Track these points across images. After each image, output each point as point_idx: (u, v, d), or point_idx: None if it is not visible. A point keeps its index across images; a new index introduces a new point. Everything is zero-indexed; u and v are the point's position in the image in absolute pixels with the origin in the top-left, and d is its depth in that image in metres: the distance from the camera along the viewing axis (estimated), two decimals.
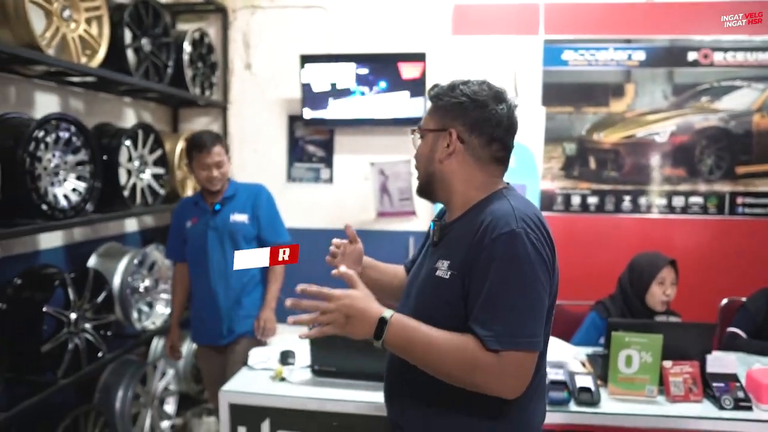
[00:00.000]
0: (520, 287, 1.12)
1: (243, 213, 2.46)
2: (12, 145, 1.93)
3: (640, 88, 3.18)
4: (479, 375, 1.11)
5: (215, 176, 2.39)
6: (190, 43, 3.02)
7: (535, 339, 1.12)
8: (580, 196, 3.25)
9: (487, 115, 1.23)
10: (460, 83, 1.26)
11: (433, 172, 1.28)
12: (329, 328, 1.16)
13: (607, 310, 2.41)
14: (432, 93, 1.30)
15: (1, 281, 2.13)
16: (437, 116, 1.27)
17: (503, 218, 1.15)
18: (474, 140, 1.23)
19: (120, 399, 2.55)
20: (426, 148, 1.29)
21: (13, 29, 1.95)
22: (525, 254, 1.12)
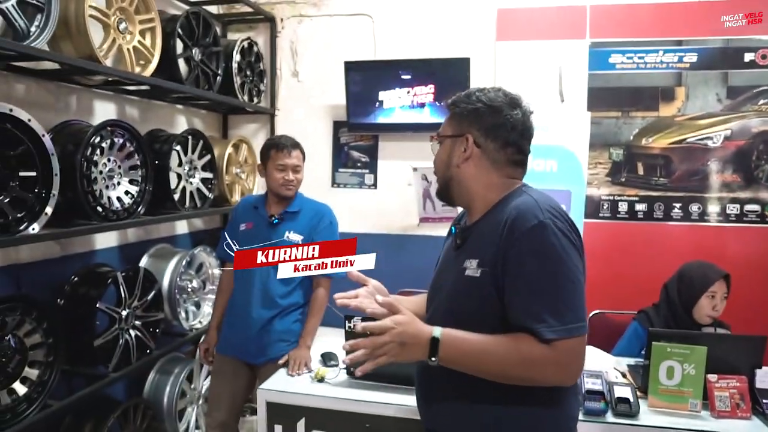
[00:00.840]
0: (559, 275, 1.15)
1: (299, 233, 2.31)
2: (72, 150, 2.06)
3: (691, 91, 3.07)
4: (538, 370, 1.14)
5: (291, 179, 2.29)
6: (238, 51, 3.13)
7: (583, 324, 1.15)
8: (627, 203, 3.17)
9: (502, 121, 1.28)
10: (476, 91, 1.32)
11: (451, 177, 1.33)
12: (384, 358, 1.17)
13: (649, 320, 2.34)
14: (449, 101, 1.37)
15: (61, 279, 2.27)
16: (454, 123, 1.33)
17: (529, 211, 1.19)
18: (489, 144, 1.29)
19: (168, 395, 2.65)
20: (444, 154, 1.35)
21: (74, 42, 2.08)
22: (557, 243, 1.16)
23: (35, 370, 1.89)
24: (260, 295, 2.27)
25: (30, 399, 1.87)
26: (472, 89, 1.33)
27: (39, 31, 1.88)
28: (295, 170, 2.31)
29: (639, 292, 3.02)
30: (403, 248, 3.45)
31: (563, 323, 1.12)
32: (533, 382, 1.17)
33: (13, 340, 1.83)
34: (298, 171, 2.33)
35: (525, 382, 1.17)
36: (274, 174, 2.30)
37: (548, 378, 1.16)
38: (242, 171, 3.33)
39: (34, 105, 2.18)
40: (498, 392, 1.21)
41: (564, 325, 1.12)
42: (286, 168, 2.29)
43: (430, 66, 3.23)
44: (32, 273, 2.18)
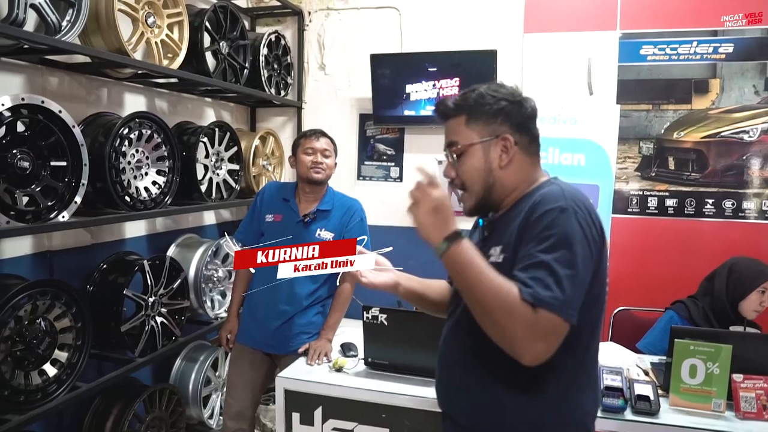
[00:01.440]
0: (563, 257, 1.11)
1: (331, 231, 2.28)
2: (101, 141, 2.12)
3: (726, 83, 2.97)
4: (513, 321, 1.08)
5: (320, 161, 2.26)
6: (266, 45, 3.16)
7: (571, 309, 1.10)
8: (657, 198, 3.09)
9: (528, 113, 1.27)
10: (486, 89, 1.27)
11: (494, 182, 1.26)
12: (416, 207, 1.18)
13: (687, 310, 2.30)
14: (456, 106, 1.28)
15: (91, 266, 2.34)
16: (480, 125, 1.26)
17: (552, 196, 1.18)
18: (524, 139, 1.27)
19: (193, 381, 2.72)
20: (477, 161, 1.25)
21: (104, 36, 2.14)
22: (573, 229, 1.13)
23: (65, 353, 1.96)
24: (287, 291, 2.24)
25: (60, 380, 1.94)
26: (482, 88, 1.27)
27: (70, 26, 1.94)
28: (324, 154, 2.29)
29: (667, 289, 2.95)
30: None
31: (550, 297, 1.08)
32: (500, 334, 1.10)
33: (44, 323, 1.89)
34: (327, 156, 2.30)
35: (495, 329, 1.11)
36: (303, 158, 2.28)
37: (516, 338, 1.08)
38: (269, 163, 3.37)
39: (67, 97, 2.25)
40: (515, 381, 1.20)
41: (551, 298, 1.08)
42: (315, 151, 2.27)
43: (456, 59, 3.21)
44: (64, 260, 2.26)
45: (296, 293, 2.24)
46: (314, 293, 2.27)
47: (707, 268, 2.91)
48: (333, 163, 2.34)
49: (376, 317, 1.94)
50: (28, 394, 1.82)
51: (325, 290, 2.31)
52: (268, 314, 2.26)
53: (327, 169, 2.29)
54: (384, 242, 2.31)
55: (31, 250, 2.15)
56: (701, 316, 2.26)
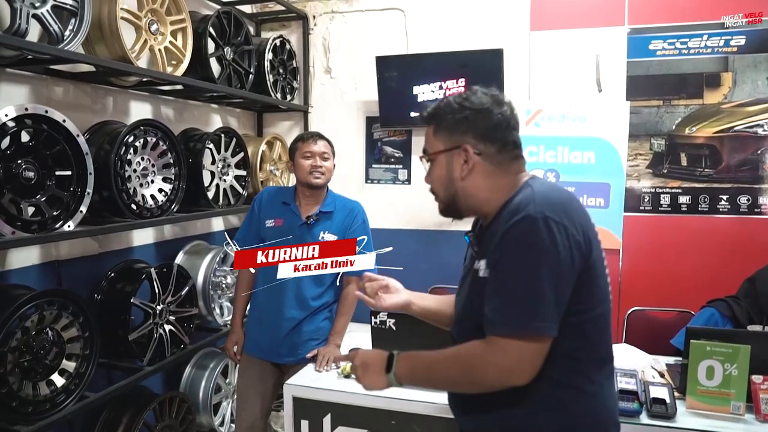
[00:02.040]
0: (525, 272, 1.10)
1: (334, 234, 2.24)
2: (107, 150, 2.12)
3: (739, 76, 2.91)
4: (478, 371, 1.13)
5: (319, 165, 2.21)
6: (271, 50, 3.16)
7: (535, 324, 1.09)
8: (669, 195, 3.04)
9: (495, 121, 1.23)
10: (454, 98, 1.26)
11: (455, 192, 1.26)
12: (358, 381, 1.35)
13: (730, 308, 2.22)
14: (428, 115, 1.29)
15: (98, 275, 2.34)
16: (444, 136, 1.25)
17: (522, 204, 1.15)
18: (490, 148, 1.23)
19: (203, 389, 2.71)
20: (441, 170, 1.27)
21: (107, 44, 2.14)
22: (539, 238, 1.10)
23: (72, 363, 1.95)
24: (293, 296, 2.20)
25: (68, 390, 1.93)
26: (449, 98, 1.27)
27: (73, 35, 1.94)
28: (323, 157, 2.24)
29: (683, 289, 2.91)
30: (437, 244, 3.41)
31: (506, 320, 1.08)
32: (480, 384, 1.15)
33: (51, 334, 1.89)
34: (326, 159, 2.25)
35: (474, 386, 1.16)
36: (301, 163, 2.24)
37: (489, 378, 1.12)
38: (276, 168, 3.36)
39: (72, 107, 2.25)
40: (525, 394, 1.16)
41: (507, 322, 1.08)
42: (313, 155, 2.23)
43: (462, 59, 3.17)
44: (72, 269, 2.26)
45: (304, 297, 2.20)
46: (321, 297, 2.24)
47: (723, 266, 2.86)
48: (332, 166, 2.30)
49: (384, 322, 1.91)
50: (36, 405, 1.82)
51: (332, 294, 2.29)
52: (276, 321, 2.21)
53: (327, 172, 2.25)
54: (394, 245, 2.28)
55: (39, 260, 2.15)
56: (745, 317, 2.19)
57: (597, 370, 1.22)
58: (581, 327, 1.17)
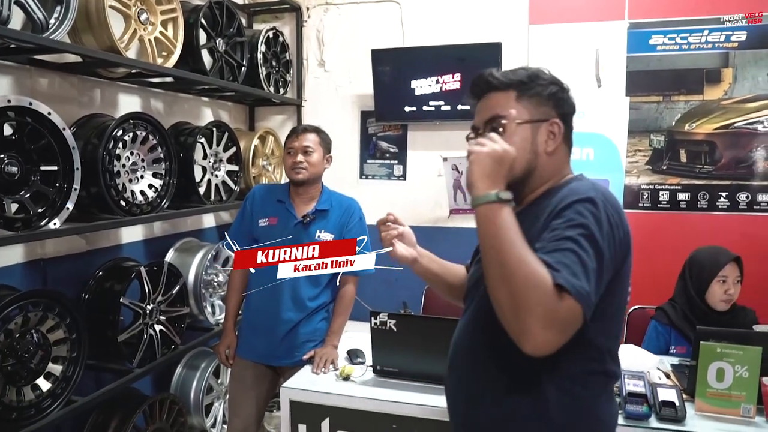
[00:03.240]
0: (590, 249, 1.02)
1: (330, 232, 2.16)
2: (95, 144, 2.03)
3: (739, 72, 2.88)
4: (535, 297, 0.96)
5: (299, 161, 2.13)
6: (263, 42, 3.07)
7: (590, 301, 0.99)
8: (669, 192, 3.00)
9: (573, 103, 1.22)
10: (538, 71, 1.20)
11: (536, 167, 1.17)
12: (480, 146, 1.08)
13: (666, 315, 2.24)
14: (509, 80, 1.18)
15: (86, 273, 2.25)
16: (531, 104, 1.16)
17: (583, 188, 1.11)
18: (567, 128, 1.21)
19: (194, 390, 2.64)
20: (524, 141, 1.15)
21: (95, 34, 2.05)
22: (601, 220, 1.05)
23: (59, 366, 1.87)
24: (290, 297, 2.13)
25: (54, 395, 1.85)
26: (533, 68, 1.21)
27: (58, 23, 1.86)
28: (305, 152, 2.14)
29: None
30: (434, 241, 3.31)
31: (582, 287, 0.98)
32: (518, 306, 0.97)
33: (36, 336, 1.81)
34: (309, 152, 2.14)
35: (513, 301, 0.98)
36: (285, 160, 2.19)
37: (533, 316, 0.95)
38: (269, 163, 3.29)
39: (58, 99, 2.16)
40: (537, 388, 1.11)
41: (582, 290, 0.98)
42: (295, 150, 2.15)
43: (459, 52, 3.12)
44: (58, 267, 2.18)
45: (300, 298, 2.13)
46: (318, 297, 2.17)
47: None
48: (319, 159, 2.17)
49: (384, 323, 1.85)
50: (20, 411, 1.74)
51: (329, 294, 2.22)
52: (272, 323, 2.14)
53: (310, 166, 2.14)
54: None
55: (23, 259, 2.07)
56: (681, 318, 2.19)
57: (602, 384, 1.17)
58: (596, 335, 1.11)
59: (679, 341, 2.18)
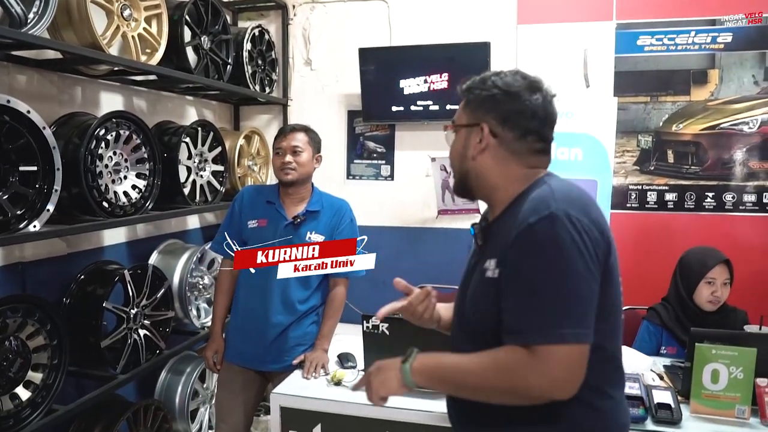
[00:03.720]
0: (560, 275, 1.02)
1: (321, 234, 2.11)
2: (76, 144, 1.97)
3: (725, 73, 2.90)
4: (520, 379, 1.02)
5: (288, 161, 2.08)
6: (249, 39, 3.02)
7: (578, 332, 1.01)
8: (656, 192, 3.02)
9: (520, 107, 1.15)
10: (492, 75, 1.20)
11: (467, 170, 1.21)
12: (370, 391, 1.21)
13: (658, 316, 2.25)
14: (464, 86, 1.24)
15: (67, 277, 2.18)
16: (469, 110, 1.21)
17: (542, 202, 1.07)
18: (508, 134, 1.16)
19: (179, 395, 2.58)
20: (459, 145, 1.23)
21: (76, 30, 1.98)
22: (566, 238, 1.03)
23: (39, 374, 1.81)
24: (279, 300, 2.08)
25: (34, 404, 1.78)
26: (488, 73, 1.20)
27: (38, 18, 1.79)
28: (294, 152, 2.09)
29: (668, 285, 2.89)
30: (422, 242, 3.33)
31: (549, 326, 1.00)
32: (520, 395, 1.04)
33: (15, 343, 1.74)
34: (297, 153, 2.09)
35: (513, 396, 1.05)
36: (273, 160, 2.14)
37: (534, 389, 1.02)
38: (254, 163, 3.23)
39: (37, 97, 2.09)
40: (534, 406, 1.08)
41: (550, 329, 1.00)
42: (284, 151, 2.10)
43: (448, 52, 3.09)
44: (38, 271, 2.10)
45: (290, 301, 2.09)
46: (308, 300, 2.13)
47: None
48: (308, 159, 2.13)
49: (377, 326, 1.82)
50: None
51: (319, 297, 2.17)
52: (261, 327, 2.08)
53: (299, 167, 2.10)
54: (376, 243, 2.19)
55: (1, 263, 1.99)
56: (672, 319, 2.20)
57: (610, 383, 1.16)
58: (597, 337, 1.10)
59: (670, 342, 2.18)
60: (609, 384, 1.16)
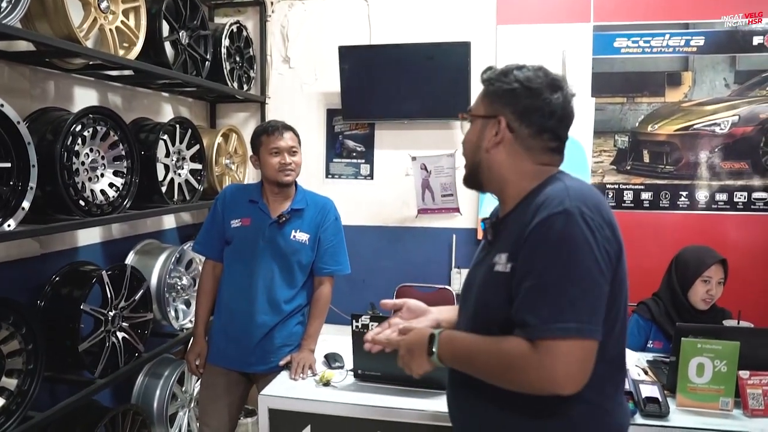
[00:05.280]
0: (570, 270, 1.02)
1: (306, 232, 2.09)
2: (51, 140, 1.89)
3: (698, 76, 2.98)
4: (518, 372, 1.04)
5: (288, 163, 2.05)
6: (227, 36, 2.96)
7: (583, 326, 1.01)
8: (632, 191, 3.07)
9: (539, 104, 1.16)
10: (514, 68, 1.19)
11: (480, 162, 1.21)
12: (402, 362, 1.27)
13: (649, 310, 2.29)
14: (485, 76, 1.23)
15: (41, 279, 2.10)
16: (487, 101, 1.21)
17: (556, 198, 1.08)
18: (524, 129, 1.17)
19: (158, 399, 2.51)
20: (473, 135, 1.23)
21: (51, 22, 1.91)
22: (579, 234, 1.03)
23: (14, 380, 1.73)
24: (265, 300, 2.04)
25: (8, 411, 1.71)
26: (511, 65, 1.20)
27: (11, 8, 1.71)
28: (291, 152, 2.08)
29: (645, 283, 2.92)
30: (401, 241, 3.33)
31: (551, 321, 1.00)
32: (520, 386, 1.06)
33: None
34: (294, 153, 2.09)
35: (513, 385, 1.07)
36: (269, 160, 2.06)
37: (533, 382, 1.03)
38: (232, 162, 3.17)
39: (7, 90, 2.01)
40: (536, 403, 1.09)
41: (552, 323, 1.00)
42: (280, 151, 2.05)
43: (428, 51, 3.09)
44: (9, 273, 2.02)
45: (276, 300, 2.05)
46: (293, 300, 2.10)
47: None
48: (300, 159, 2.13)
49: (366, 326, 1.80)
50: None
51: (304, 297, 2.14)
52: (246, 328, 2.04)
53: (296, 167, 2.10)
54: (357, 242, 2.17)
55: None
56: (663, 314, 2.24)
57: (612, 383, 1.17)
58: (604, 337, 1.10)
59: (657, 336, 2.22)
60: (611, 384, 1.16)
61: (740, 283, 2.58)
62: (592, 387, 1.08)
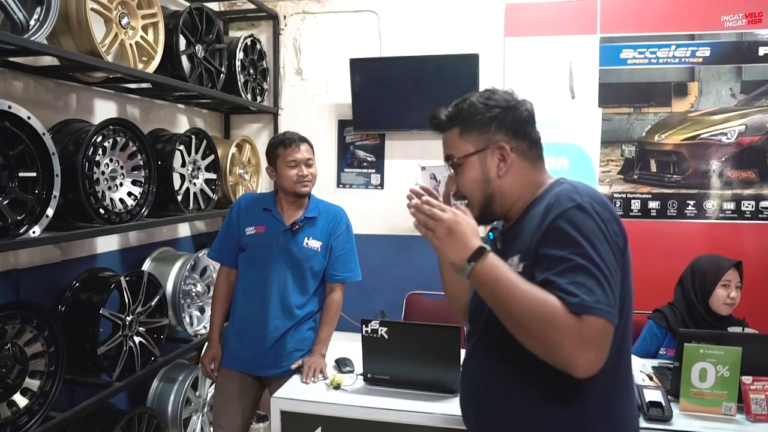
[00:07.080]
0: (593, 257, 1.04)
1: (318, 240, 2.15)
2: (73, 150, 1.97)
3: (704, 86, 3.01)
4: (556, 333, 1.00)
5: (305, 174, 2.11)
6: (242, 49, 3.05)
7: (612, 310, 1.03)
8: (640, 200, 3.10)
9: (523, 116, 1.22)
10: (477, 98, 1.23)
11: (493, 192, 1.22)
12: (430, 233, 1.11)
13: (665, 318, 2.31)
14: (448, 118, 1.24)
15: (61, 284, 2.18)
16: (472, 136, 1.21)
17: (567, 195, 1.12)
18: (522, 144, 1.21)
19: (172, 403, 2.57)
20: (475, 173, 1.21)
21: (75, 38, 1.99)
22: (593, 226, 1.07)
23: (36, 381, 1.80)
24: (278, 305, 2.10)
25: (31, 411, 1.77)
26: (471, 99, 1.23)
27: (38, 25, 1.80)
28: (308, 164, 2.14)
29: (653, 291, 2.94)
30: (411, 250, 3.37)
31: (594, 301, 1.01)
32: (546, 342, 1.02)
33: (12, 350, 1.73)
34: (311, 165, 2.15)
35: (539, 345, 1.03)
36: (286, 172, 2.11)
37: (563, 347, 1.00)
38: (246, 172, 3.25)
39: (33, 103, 2.09)
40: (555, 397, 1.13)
41: (593, 303, 1.01)
42: (298, 163, 2.11)
43: (437, 63, 3.15)
44: (32, 278, 2.09)
45: (289, 306, 2.10)
46: (306, 305, 2.15)
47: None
48: (316, 170, 2.20)
49: (375, 330, 1.85)
50: None
51: (316, 303, 2.20)
52: (260, 332, 2.09)
53: (313, 179, 2.17)
54: (367, 250, 2.22)
55: None
56: (679, 323, 2.26)
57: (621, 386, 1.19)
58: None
59: (671, 344, 2.23)
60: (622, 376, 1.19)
61: (749, 292, 2.59)
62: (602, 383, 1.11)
